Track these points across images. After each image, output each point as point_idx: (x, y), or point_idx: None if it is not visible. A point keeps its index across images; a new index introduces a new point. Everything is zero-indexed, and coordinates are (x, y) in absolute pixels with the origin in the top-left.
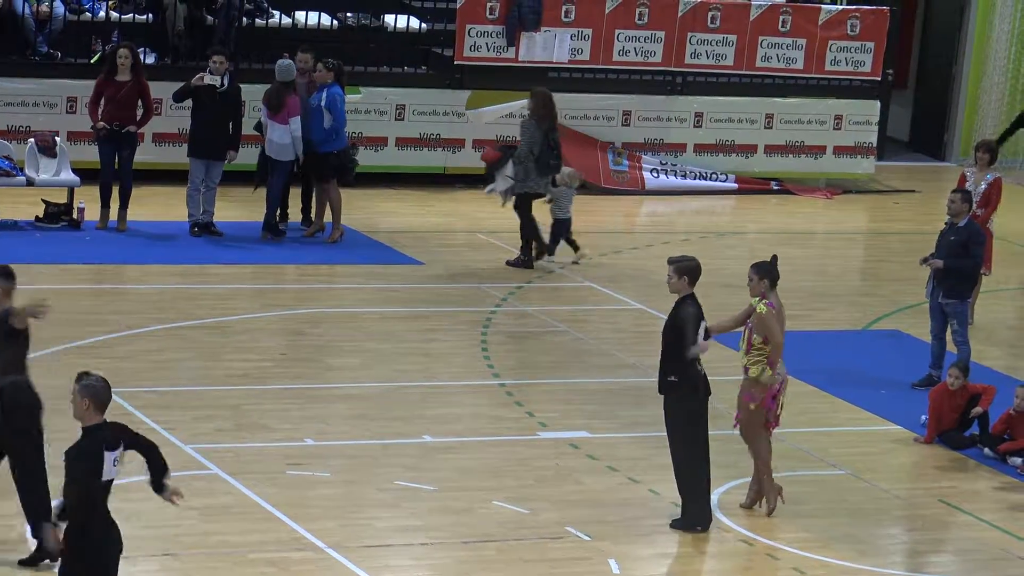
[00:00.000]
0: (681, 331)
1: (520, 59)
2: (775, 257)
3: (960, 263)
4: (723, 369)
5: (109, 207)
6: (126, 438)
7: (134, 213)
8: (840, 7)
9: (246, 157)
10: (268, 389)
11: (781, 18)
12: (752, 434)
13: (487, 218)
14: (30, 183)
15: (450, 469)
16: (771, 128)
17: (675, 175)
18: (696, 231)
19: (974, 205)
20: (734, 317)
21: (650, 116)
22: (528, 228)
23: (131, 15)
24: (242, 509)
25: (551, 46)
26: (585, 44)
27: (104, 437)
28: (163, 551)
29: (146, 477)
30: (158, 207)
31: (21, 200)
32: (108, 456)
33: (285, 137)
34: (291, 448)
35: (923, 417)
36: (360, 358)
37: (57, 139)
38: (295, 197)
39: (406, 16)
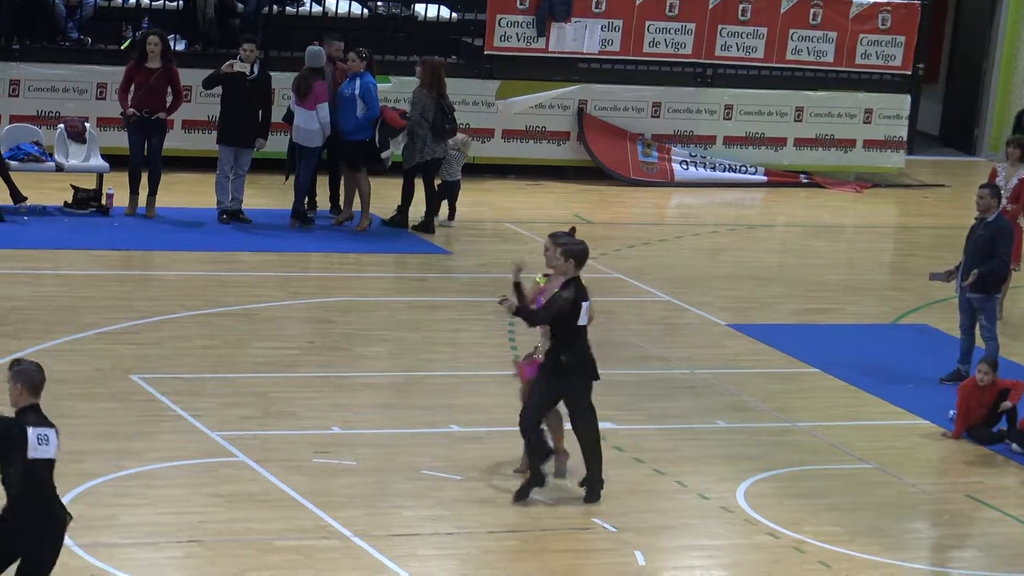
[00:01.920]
0: (552, 304)
1: (550, 49)
2: (573, 228)
3: (989, 266)
4: (750, 363)
5: (138, 193)
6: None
7: (163, 200)
8: (871, 0)
9: (275, 145)
10: (295, 377)
11: (812, 11)
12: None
13: (516, 208)
14: (59, 169)
15: (477, 459)
16: (801, 121)
17: (704, 167)
18: (725, 223)
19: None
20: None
21: (680, 108)
22: (433, 194)
23: (161, 2)
24: (268, 497)
25: (581, 37)
26: (615, 35)
27: (29, 418)
28: (188, 538)
29: (171, 464)
30: (187, 194)
31: (50, 186)
32: (32, 433)
33: (312, 123)
34: (318, 436)
35: (951, 412)
36: (387, 347)
37: (87, 125)
38: (323, 185)
39: (436, 5)
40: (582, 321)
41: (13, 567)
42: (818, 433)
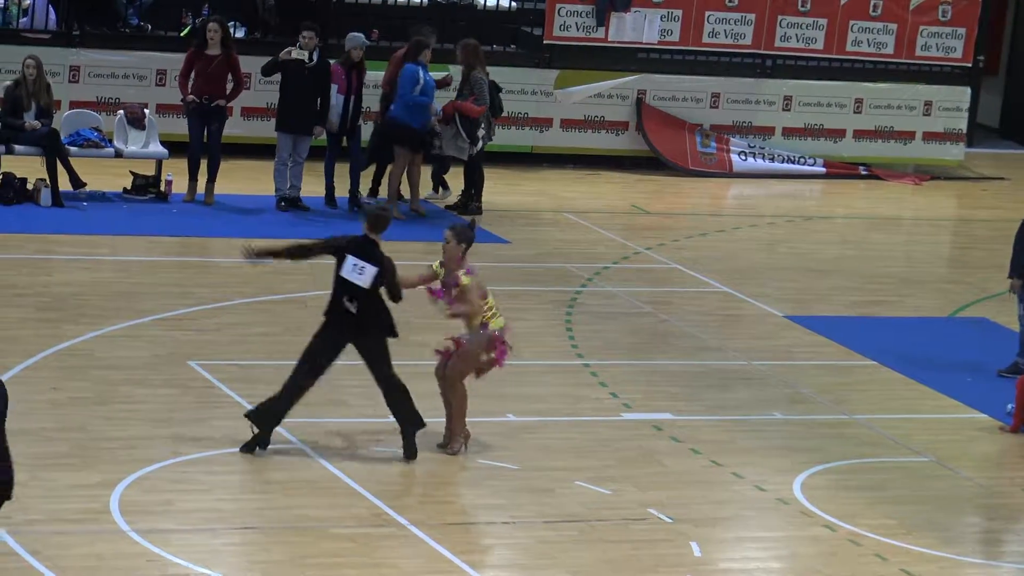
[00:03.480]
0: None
1: (609, 39)
2: (473, 222)
3: None
4: (807, 354)
5: (197, 180)
6: None
7: (221, 187)
8: None
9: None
10: (351, 365)
11: (872, 3)
12: (457, 379)
13: (574, 198)
14: (119, 155)
15: (533, 448)
16: (860, 113)
17: (763, 158)
18: (783, 215)
19: None
20: (419, 276)
21: (739, 99)
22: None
23: None
24: (324, 484)
25: (641, 27)
26: (675, 25)
27: None
28: (244, 524)
29: (228, 450)
30: (245, 181)
31: (109, 171)
32: None
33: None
34: (373, 424)
35: (1009, 405)
36: (443, 335)
37: (146, 111)
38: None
39: None
40: (343, 272)
41: None
42: (875, 426)
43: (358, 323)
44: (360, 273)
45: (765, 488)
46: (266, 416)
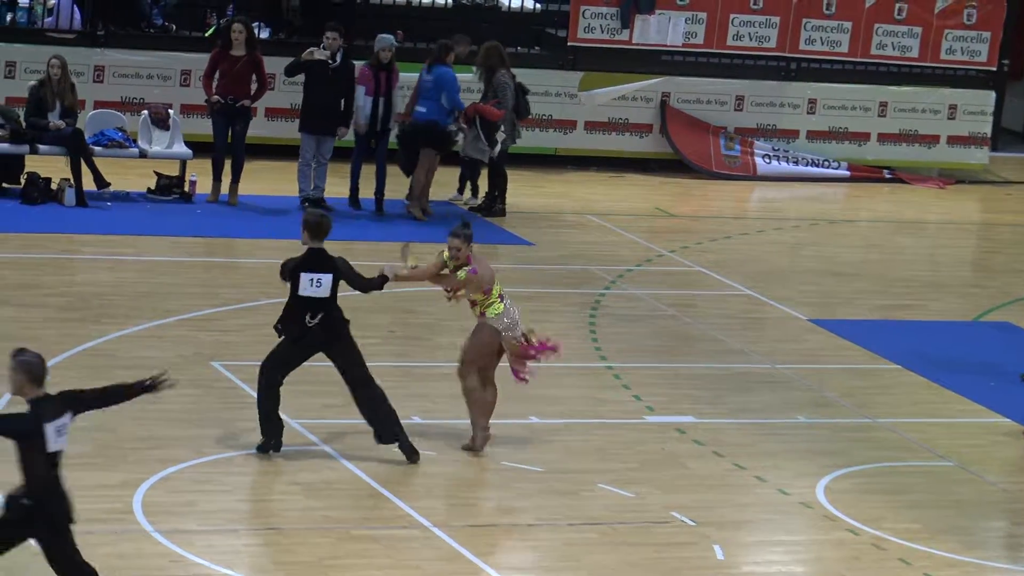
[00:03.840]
0: None
1: (634, 41)
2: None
3: None
4: (831, 358)
5: (221, 180)
6: (73, 405)
7: (245, 187)
8: None
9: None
10: (375, 366)
11: (897, 6)
12: (463, 372)
13: (597, 200)
14: (143, 155)
15: (556, 451)
16: (885, 116)
17: (787, 161)
18: (807, 218)
19: None
20: (434, 265)
21: (763, 101)
22: (505, 178)
23: None
24: (346, 485)
25: (665, 29)
26: (699, 28)
27: (42, 410)
28: (266, 525)
29: (251, 451)
30: (269, 182)
31: (133, 172)
32: (49, 428)
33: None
34: (411, 425)
35: None
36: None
37: (170, 112)
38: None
39: None
40: (302, 291)
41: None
42: (899, 430)
43: (326, 331)
44: (318, 286)
45: (788, 492)
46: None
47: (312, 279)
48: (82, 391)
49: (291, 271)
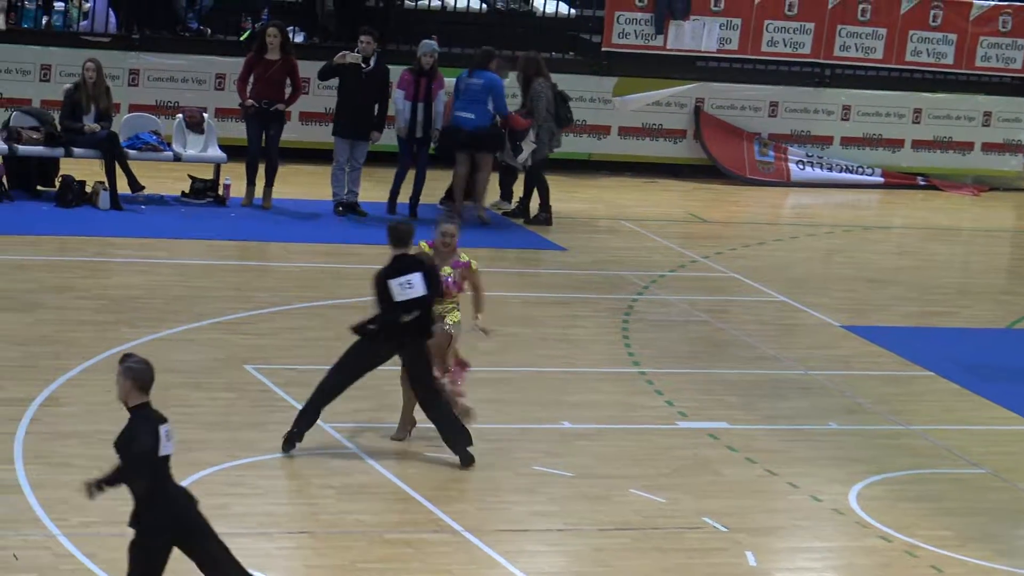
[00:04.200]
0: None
1: (668, 47)
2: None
3: None
4: (864, 364)
5: (255, 184)
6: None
7: (279, 191)
8: (992, 3)
9: (391, 138)
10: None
11: (932, 12)
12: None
13: (631, 205)
14: (177, 158)
15: (588, 456)
16: (919, 123)
17: (821, 167)
18: (841, 224)
19: None
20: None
21: (797, 107)
22: (545, 185)
23: None
24: (379, 489)
25: (699, 35)
26: (734, 34)
27: (151, 413)
28: (300, 529)
29: (284, 455)
30: (303, 186)
31: (168, 175)
32: (162, 430)
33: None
34: (430, 430)
35: None
36: (500, 342)
37: (205, 115)
38: (433, 180)
39: (555, 1)
40: (397, 296)
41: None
42: (932, 437)
43: (418, 328)
44: (410, 287)
45: (821, 498)
46: (306, 416)
47: (402, 283)
48: None
49: (381, 282)
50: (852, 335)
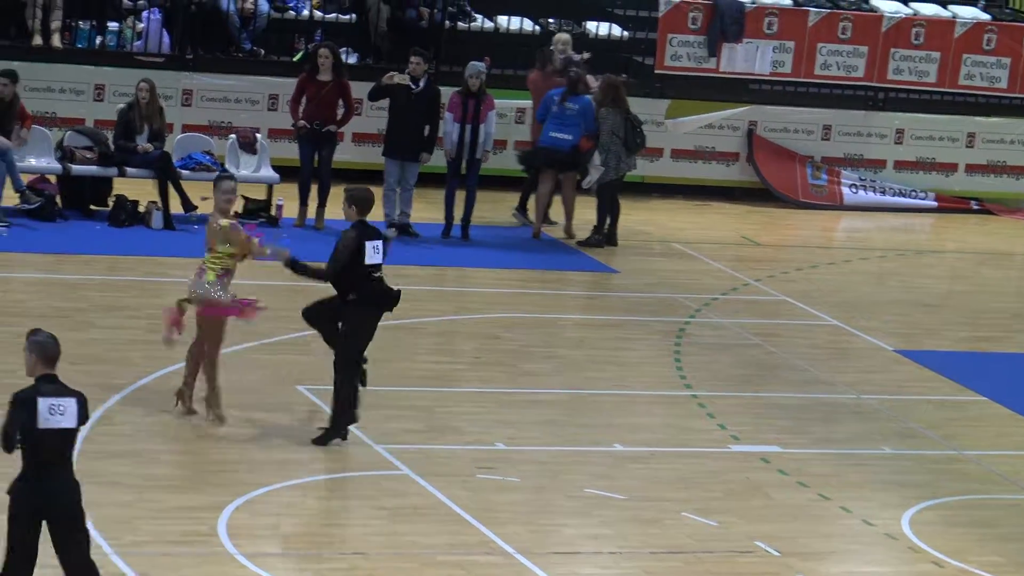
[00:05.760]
0: (336, 251)
1: (721, 70)
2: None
3: None
4: (917, 389)
5: (307, 205)
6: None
7: (332, 211)
8: None
9: (441, 159)
10: (460, 392)
11: (986, 36)
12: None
13: (683, 228)
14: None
15: (640, 479)
16: (972, 147)
17: (874, 191)
18: (894, 248)
19: None
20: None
21: (850, 131)
22: (615, 210)
23: (334, 15)
24: (431, 511)
25: (752, 58)
26: (787, 56)
27: (43, 388)
28: (352, 550)
29: (335, 476)
30: None
31: None
32: (42, 403)
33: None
34: (481, 452)
35: None
36: (553, 364)
37: (258, 136)
38: (496, 200)
39: (608, 24)
40: (370, 260)
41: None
42: (985, 462)
43: (392, 292)
44: (377, 252)
45: (873, 523)
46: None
47: (374, 246)
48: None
49: (357, 242)
50: (905, 359)
